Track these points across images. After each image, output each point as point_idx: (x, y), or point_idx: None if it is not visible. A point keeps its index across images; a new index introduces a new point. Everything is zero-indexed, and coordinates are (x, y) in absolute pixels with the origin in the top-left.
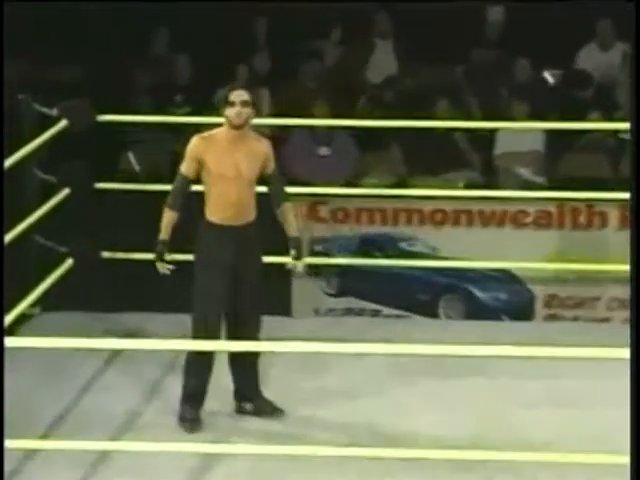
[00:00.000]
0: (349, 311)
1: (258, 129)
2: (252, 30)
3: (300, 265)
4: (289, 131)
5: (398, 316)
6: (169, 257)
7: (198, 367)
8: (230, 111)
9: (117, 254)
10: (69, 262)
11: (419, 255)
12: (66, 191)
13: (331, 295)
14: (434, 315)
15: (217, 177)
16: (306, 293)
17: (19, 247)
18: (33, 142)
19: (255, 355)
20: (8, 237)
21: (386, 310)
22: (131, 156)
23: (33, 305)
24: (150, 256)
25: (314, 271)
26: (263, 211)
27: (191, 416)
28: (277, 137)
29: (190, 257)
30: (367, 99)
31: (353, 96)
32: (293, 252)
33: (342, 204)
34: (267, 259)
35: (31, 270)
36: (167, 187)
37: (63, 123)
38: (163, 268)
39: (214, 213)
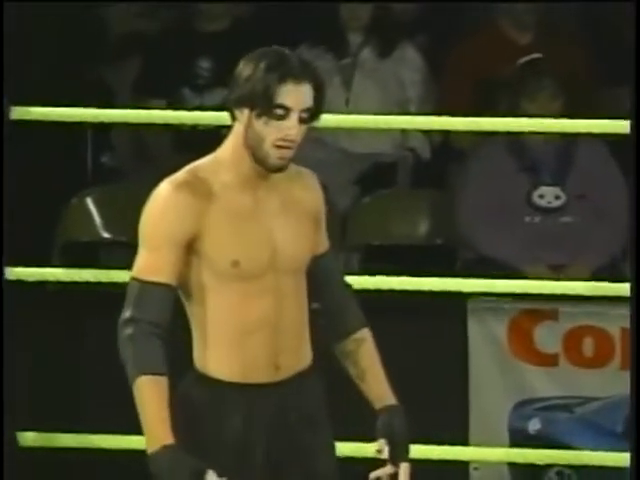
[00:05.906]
0: None
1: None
2: None
3: (404, 474)
4: (468, 150)
5: None
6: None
7: None
8: (272, 129)
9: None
10: None
11: None
12: None
13: None
14: None
15: (228, 273)
16: None
17: None
18: None
19: None
20: None
21: None
22: (90, 203)
23: None
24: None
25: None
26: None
27: None
28: (440, 163)
29: None
30: None
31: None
32: (383, 444)
33: (595, 320)
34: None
35: None
36: None
37: None
38: None
39: (220, 357)
